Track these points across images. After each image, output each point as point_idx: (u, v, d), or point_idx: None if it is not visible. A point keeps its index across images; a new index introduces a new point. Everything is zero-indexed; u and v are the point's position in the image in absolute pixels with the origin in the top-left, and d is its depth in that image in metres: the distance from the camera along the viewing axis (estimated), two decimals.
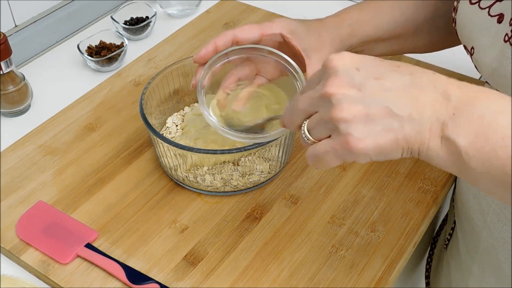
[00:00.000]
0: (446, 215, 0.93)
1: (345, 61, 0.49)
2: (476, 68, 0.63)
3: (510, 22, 0.56)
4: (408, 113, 0.46)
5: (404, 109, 0.47)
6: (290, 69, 0.68)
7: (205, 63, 0.69)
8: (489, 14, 0.58)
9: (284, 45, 0.69)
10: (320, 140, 0.50)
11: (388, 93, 0.47)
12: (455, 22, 0.65)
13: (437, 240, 0.94)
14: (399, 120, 0.47)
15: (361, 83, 0.47)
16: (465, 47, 0.64)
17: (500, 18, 0.57)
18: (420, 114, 0.46)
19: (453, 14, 0.65)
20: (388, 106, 0.47)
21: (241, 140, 0.66)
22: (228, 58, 0.70)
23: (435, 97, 0.47)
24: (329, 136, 0.49)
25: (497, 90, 0.59)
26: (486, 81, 0.63)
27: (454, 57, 1.00)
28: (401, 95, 0.47)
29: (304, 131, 0.51)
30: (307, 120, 0.51)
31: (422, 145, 0.47)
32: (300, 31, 0.69)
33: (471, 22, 0.61)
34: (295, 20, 0.70)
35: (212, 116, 0.67)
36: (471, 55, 0.62)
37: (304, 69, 0.68)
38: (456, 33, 0.66)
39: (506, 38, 0.56)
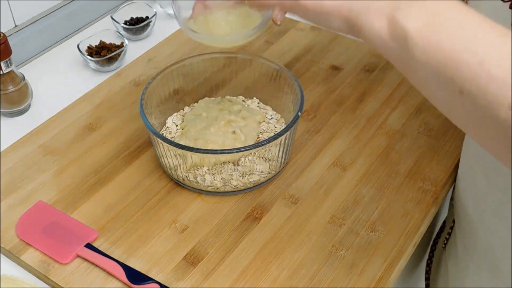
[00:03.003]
0: (447, 215, 0.93)
1: None
2: None
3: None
4: None
5: None
6: None
7: None
8: (503, 0, 0.57)
9: None
10: None
11: None
12: None
13: (437, 241, 0.94)
14: None
15: None
16: None
17: None
18: None
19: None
20: None
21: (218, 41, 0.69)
22: None
23: None
24: None
25: None
26: None
27: None
28: None
29: None
30: None
31: (366, 22, 0.47)
32: None
33: (482, 7, 0.60)
34: None
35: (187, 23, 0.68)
36: None
37: None
38: None
39: None
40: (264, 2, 0.53)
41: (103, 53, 0.99)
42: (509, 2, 0.56)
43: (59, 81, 0.98)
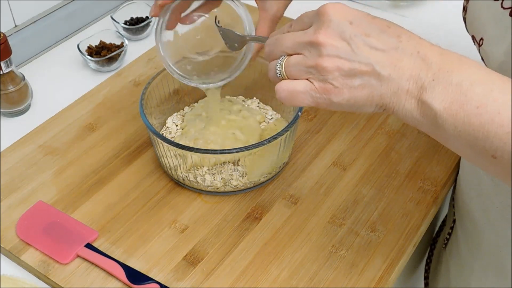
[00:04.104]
0: (446, 215, 0.93)
1: (339, 12, 0.51)
2: (483, 60, 0.62)
3: None
4: (388, 73, 0.49)
5: (385, 69, 0.49)
6: None
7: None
8: (502, 6, 0.57)
9: None
10: (291, 78, 0.54)
11: (374, 52, 0.50)
12: (466, 11, 0.65)
13: (437, 240, 0.94)
14: (379, 78, 0.50)
15: (351, 37, 0.50)
16: (473, 38, 0.63)
17: None
18: (399, 76, 0.49)
19: (464, 3, 0.65)
20: (372, 63, 0.50)
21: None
22: None
23: (416, 62, 0.49)
24: (305, 78, 0.53)
25: None
26: None
27: None
28: (385, 56, 0.50)
29: (280, 65, 0.54)
30: (286, 57, 0.54)
31: (397, 105, 0.50)
32: None
33: (483, 13, 0.60)
34: None
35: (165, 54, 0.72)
36: (479, 46, 0.62)
37: None
38: (465, 22, 0.65)
39: None
40: (298, 103, 0.54)
41: (103, 53, 0.99)
42: (509, 9, 0.56)
43: (59, 81, 0.98)
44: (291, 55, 0.54)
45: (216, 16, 0.71)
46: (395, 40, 0.50)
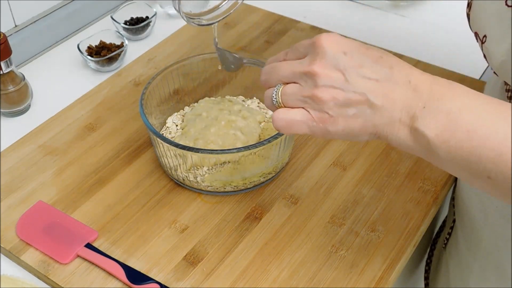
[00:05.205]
0: (446, 215, 0.93)
1: (334, 44, 0.53)
2: (485, 58, 0.62)
3: None
4: (381, 103, 0.51)
5: (378, 99, 0.51)
6: None
7: None
8: (506, 4, 0.57)
9: None
10: (287, 107, 0.55)
11: (367, 82, 0.52)
12: (470, 7, 0.65)
13: (437, 241, 0.94)
14: (373, 108, 0.52)
15: (345, 68, 0.52)
16: (476, 35, 0.63)
17: None
18: (392, 106, 0.51)
19: None
20: (366, 94, 0.51)
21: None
22: None
23: (408, 92, 0.51)
24: (300, 107, 0.54)
25: (504, 81, 0.59)
26: (494, 72, 0.62)
27: (454, 57, 1.00)
28: (378, 86, 0.52)
29: (276, 93, 0.56)
30: (282, 85, 0.56)
31: (391, 134, 0.52)
32: None
33: (487, 10, 0.60)
34: None
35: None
36: (482, 43, 0.62)
37: None
38: (468, 18, 0.65)
39: None
40: (294, 132, 0.56)
41: (103, 53, 0.99)
42: None
43: (59, 81, 0.98)
44: (287, 83, 0.56)
45: (215, 38, 0.73)
46: (387, 71, 0.52)
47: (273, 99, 0.56)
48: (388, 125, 0.52)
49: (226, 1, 0.73)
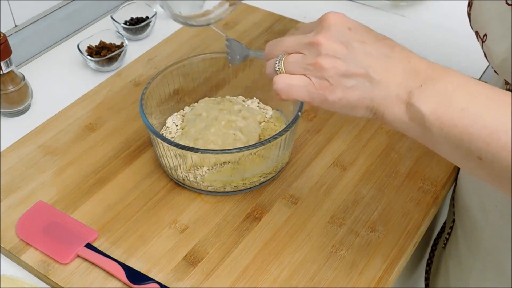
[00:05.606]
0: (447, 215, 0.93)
1: (340, 19, 0.55)
2: (485, 56, 0.62)
3: None
4: (380, 78, 0.53)
5: (378, 74, 0.53)
6: None
7: None
8: (507, 3, 0.57)
9: None
10: (290, 74, 0.57)
11: (368, 57, 0.54)
12: (471, 6, 0.65)
13: (437, 241, 0.94)
14: (372, 82, 0.53)
15: (348, 42, 0.54)
16: (476, 34, 0.63)
17: None
18: (390, 81, 0.53)
19: None
20: (366, 68, 0.53)
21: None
22: None
23: (406, 70, 0.53)
24: (303, 74, 0.56)
25: (505, 80, 0.59)
26: (494, 71, 0.62)
27: (454, 57, 1.00)
28: (378, 62, 0.53)
29: (280, 61, 0.58)
30: (285, 55, 0.58)
31: (387, 108, 0.53)
32: None
33: (488, 9, 0.61)
34: None
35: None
36: (483, 42, 0.62)
37: None
38: (469, 17, 0.65)
39: None
40: (294, 96, 0.57)
41: (103, 53, 0.99)
42: None
43: (59, 81, 0.98)
44: (290, 54, 0.57)
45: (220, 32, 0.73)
46: (388, 50, 0.54)
47: (276, 66, 0.57)
48: (385, 99, 0.53)
49: (218, 8, 0.74)
